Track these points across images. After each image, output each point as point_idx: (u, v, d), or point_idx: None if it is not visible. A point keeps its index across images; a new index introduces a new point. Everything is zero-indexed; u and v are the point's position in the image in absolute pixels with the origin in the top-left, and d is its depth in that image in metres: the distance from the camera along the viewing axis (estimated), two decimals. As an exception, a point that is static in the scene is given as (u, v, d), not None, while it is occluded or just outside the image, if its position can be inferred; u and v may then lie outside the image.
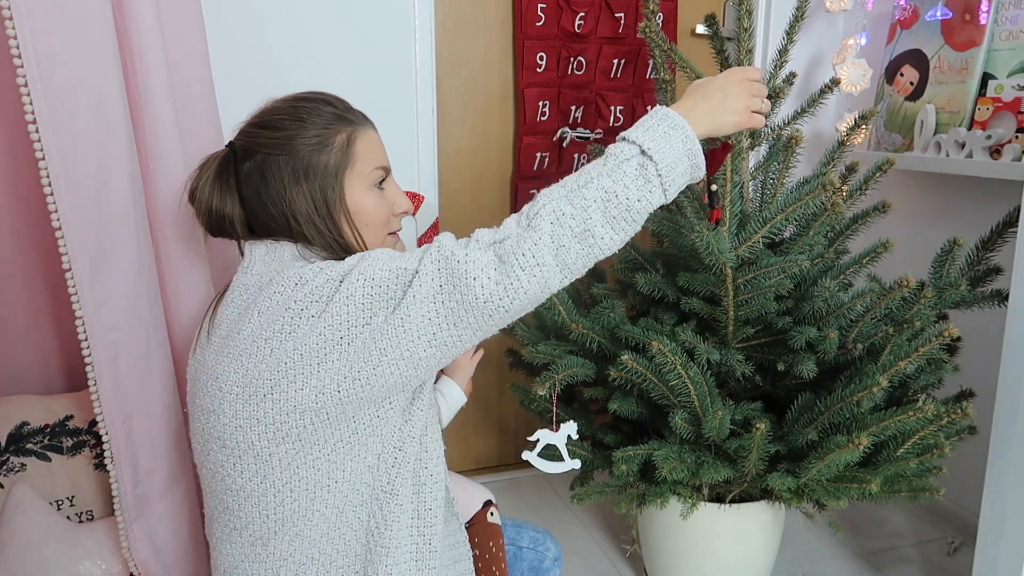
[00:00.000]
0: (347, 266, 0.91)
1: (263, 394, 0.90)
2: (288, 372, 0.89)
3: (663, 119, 0.92)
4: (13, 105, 1.23)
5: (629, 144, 0.90)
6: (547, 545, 1.36)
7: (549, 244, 0.85)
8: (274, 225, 1.01)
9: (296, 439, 0.91)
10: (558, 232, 0.86)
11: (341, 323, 0.88)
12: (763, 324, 1.48)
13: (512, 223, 0.89)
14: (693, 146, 0.92)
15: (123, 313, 1.16)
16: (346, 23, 1.82)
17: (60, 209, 1.06)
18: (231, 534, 1.00)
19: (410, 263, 0.89)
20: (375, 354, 0.88)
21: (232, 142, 1.03)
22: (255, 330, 0.91)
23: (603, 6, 2.06)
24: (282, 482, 0.94)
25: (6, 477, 1.25)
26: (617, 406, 1.50)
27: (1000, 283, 1.58)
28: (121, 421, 1.18)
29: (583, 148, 2.15)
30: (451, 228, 2.12)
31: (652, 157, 0.88)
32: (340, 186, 1.00)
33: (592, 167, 0.90)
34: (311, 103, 1.02)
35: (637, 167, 0.88)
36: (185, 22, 1.26)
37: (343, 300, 0.88)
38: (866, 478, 1.38)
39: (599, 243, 0.88)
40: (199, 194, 1.01)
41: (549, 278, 0.86)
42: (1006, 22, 1.81)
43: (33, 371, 1.41)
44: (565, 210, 0.86)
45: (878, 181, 1.58)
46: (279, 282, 0.93)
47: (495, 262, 0.86)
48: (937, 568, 1.90)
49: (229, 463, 0.95)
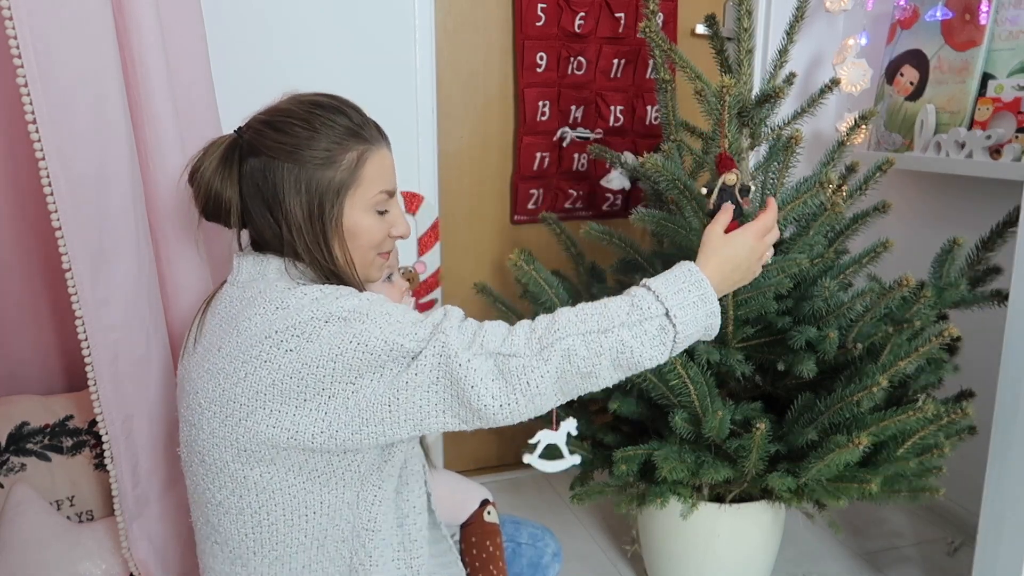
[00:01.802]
0: (335, 308, 0.89)
1: (238, 419, 0.90)
2: (265, 403, 0.88)
3: (696, 286, 0.93)
4: (13, 105, 1.23)
5: (657, 302, 0.91)
6: (546, 541, 1.36)
7: (554, 378, 0.88)
8: (265, 227, 0.98)
9: (270, 463, 0.91)
10: (565, 369, 0.88)
11: (325, 375, 0.87)
12: (763, 324, 1.48)
13: (522, 339, 0.89)
14: (714, 321, 0.95)
15: (123, 313, 1.16)
16: (346, 23, 1.82)
17: (60, 209, 1.06)
18: (213, 548, 1.00)
19: (408, 340, 0.88)
20: (356, 420, 0.88)
21: (241, 130, 1.01)
22: (233, 351, 0.91)
23: (603, 6, 2.06)
24: (258, 504, 0.94)
25: (6, 477, 1.25)
26: (617, 406, 1.50)
27: (1000, 283, 1.58)
28: (121, 421, 1.18)
29: (583, 148, 2.15)
30: (451, 228, 2.12)
31: (675, 324, 0.91)
32: (340, 205, 0.98)
33: (615, 309, 0.91)
34: (326, 112, 0.98)
35: (658, 329, 0.91)
36: (185, 22, 1.26)
37: (330, 353, 0.87)
38: (866, 478, 1.38)
39: (599, 383, 0.91)
40: (201, 175, 0.98)
41: (545, 404, 0.90)
42: (1006, 22, 1.81)
43: (33, 371, 1.41)
44: (579, 351, 0.88)
45: (878, 181, 1.58)
46: (261, 303, 0.92)
47: (496, 375, 0.87)
48: (937, 568, 1.90)
49: (208, 478, 0.95)
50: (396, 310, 0.92)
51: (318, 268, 0.99)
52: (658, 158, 1.41)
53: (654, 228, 1.52)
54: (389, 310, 0.91)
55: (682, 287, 0.93)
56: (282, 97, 1.03)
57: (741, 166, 1.48)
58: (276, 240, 0.99)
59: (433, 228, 1.99)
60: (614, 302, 0.92)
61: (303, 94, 1.02)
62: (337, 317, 0.88)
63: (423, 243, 1.99)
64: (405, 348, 0.88)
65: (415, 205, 1.95)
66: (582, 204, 2.23)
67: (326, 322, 0.88)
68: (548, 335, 0.89)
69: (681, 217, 1.44)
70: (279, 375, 0.88)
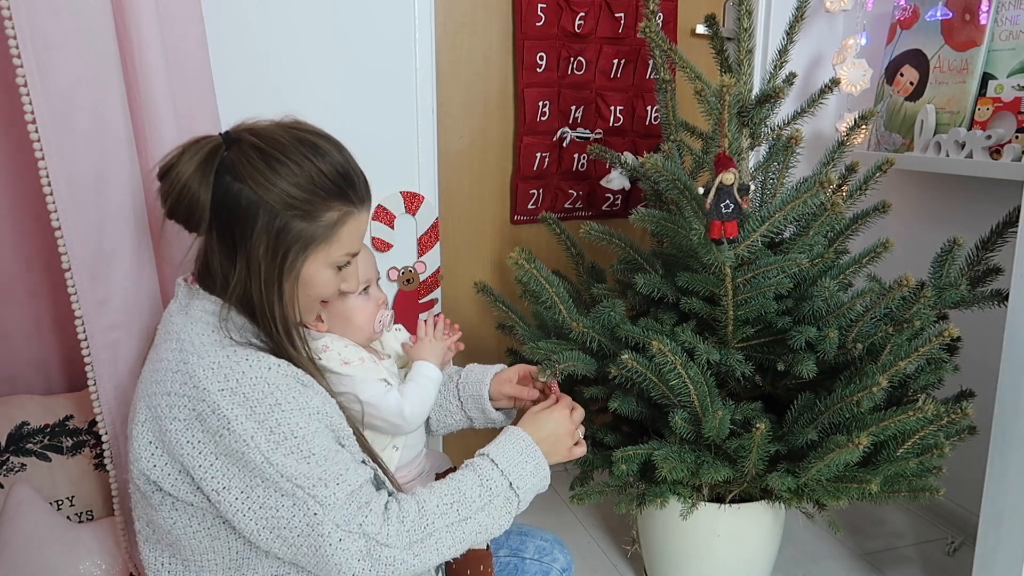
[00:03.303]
0: (237, 436, 0.88)
1: (163, 451, 0.93)
2: (186, 460, 0.91)
3: (530, 457, 1.04)
4: (13, 105, 1.23)
5: (502, 476, 1.01)
6: (554, 556, 1.28)
7: (419, 568, 0.94)
8: (221, 251, 0.96)
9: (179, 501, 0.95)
10: (432, 560, 0.95)
11: (237, 497, 0.90)
12: (763, 324, 1.48)
13: (395, 529, 0.92)
14: (545, 483, 1.07)
15: (123, 313, 1.16)
16: (346, 23, 1.82)
17: (60, 209, 1.06)
18: (164, 551, 1.03)
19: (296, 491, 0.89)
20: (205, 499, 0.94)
21: (228, 138, 0.96)
22: (148, 387, 0.95)
23: (603, 6, 2.06)
24: (176, 529, 0.97)
25: (6, 477, 1.25)
26: (618, 405, 1.50)
27: (1000, 283, 1.58)
28: (121, 421, 1.18)
29: (583, 148, 2.15)
30: (451, 228, 2.12)
31: (518, 494, 1.02)
32: (304, 257, 0.96)
33: (469, 493, 0.98)
34: (320, 162, 0.95)
35: (504, 500, 1.01)
36: (185, 23, 1.26)
37: (238, 486, 0.90)
38: (866, 478, 1.38)
39: (456, 554, 0.99)
40: (176, 174, 0.93)
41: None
42: (1006, 22, 1.81)
43: (33, 371, 1.41)
44: (446, 541, 0.96)
45: (878, 181, 1.58)
46: (177, 360, 0.93)
47: (364, 556, 0.90)
48: (937, 568, 1.90)
49: (137, 486, 0.99)
50: (296, 446, 0.90)
51: (254, 323, 0.98)
52: (658, 158, 1.41)
53: (654, 228, 1.52)
54: (288, 449, 0.89)
55: (520, 459, 1.03)
56: (282, 117, 0.99)
57: (741, 166, 1.49)
58: (225, 267, 0.96)
59: (433, 228, 1.99)
60: (465, 484, 0.99)
61: (303, 128, 0.98)
62: (235, 450, 0.89)
63: (423, 243, 1.99)
64: (314, 531, 0.90)
65: (415, 205, 1.95)
66: (582, 204, 2.23)
67: (230, 431, 0.88)
68: (418, 529, 0.93)
69: (681, 217, 1.44)
70: (195, 452, 0.91)
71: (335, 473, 0.91)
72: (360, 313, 1.15)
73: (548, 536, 1.33)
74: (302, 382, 0.94)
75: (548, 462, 1.07)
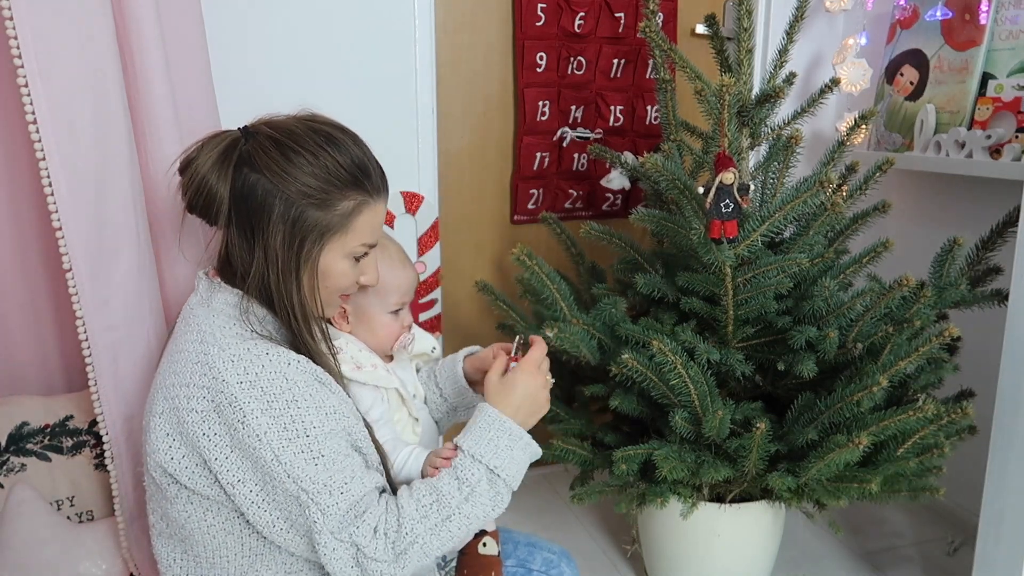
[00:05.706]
0: (251, 429, 0.89)
1: (181, 443, 0.94)
2: (204, 452, 0.92)
3: (501, 431, 0.99)
4: (13, 105, 1.23)
5: (476, 463, 0.96)
6: (561, 569, 1.26)
7: (415, 569, 0.93)
8: (241, 242, 0.97)
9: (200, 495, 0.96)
10: (425, 560, 0.94)
11: (252, 490, 0.91)
12: (763, 324, 1.48)
13: (381, 544, 0.91)
14: (532, 448, 1.02)
15: (123, 313, 1.16)
16: (346, 23, 1.82)
17: (60, 209, 1.06)
18: (177, 546, 1.03)
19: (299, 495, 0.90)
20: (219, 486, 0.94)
21: (247, 132, 0.98)
22: (166, 378, 0.96)
23: (603, 6, 2.06)
24: (191, 523, 0.98)
25: (6, 477, 1.25)
26: (618, 403, 1.50)
27: (1000, 283, 1.58)
28: (121, 421, 1.18)
29: (583, 148, 2.15)
30: (451, 228, 2.12)
31: (500, 474, 0.97)
32: (320, 247, 0.97)
33: (447, 491, 0.95)
34: (336, 152, 0.96)
35: (488, 486, 0.96)
36: (185, 22, 1.26)
37: (252, 479, 0.91)
38: (866, 478, 1.38)
39: (449, 549, 0.98)
40: (196, 168, 0.95)
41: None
42: (1006, 22, 1.81)
43: (33, 371, 1.41)
44: (433, 544, 0.93)
45: (878, 181, 1.58)
46: (198, 351, 0.93)
47: (354, 565, 0.90)
48: (937, 568, 1.90)
49: (153, 479, 0.99)
50: (307, 446, 0.90)
51: (273, 313, 0.98)
52: (658, 158, 1.41)
53: (654, 228, 1.52)
54: (299, 448, 0.90)
55: (491, 438, 0.98)
56: (299, 111, 1.01)
57: (741, 166, 1.49)
58: (245, 259, 0.97)
59: (433, 228, 1.99)
60: (441, 481, 0.96)
61: (318, 120, 0.99)
62: (248, 445, 0.89)
63: (423, 243, 1.99)
64: (313, 536, 0.91)
65: (415, 205, 1.95)
66: (582, 204, 2.23)
67: (246, 429, 0.89)
68: (400, 541, 0.91)
69: (681, 217, 1.44)
70: (213, 444, 0.91)
71: (340, 481, 0.91)
72: (386, 329, 1.15)
73: (556, 548, 1.30)
74: (320, 380, 0.94)
75: (530, 424, 1.03)
